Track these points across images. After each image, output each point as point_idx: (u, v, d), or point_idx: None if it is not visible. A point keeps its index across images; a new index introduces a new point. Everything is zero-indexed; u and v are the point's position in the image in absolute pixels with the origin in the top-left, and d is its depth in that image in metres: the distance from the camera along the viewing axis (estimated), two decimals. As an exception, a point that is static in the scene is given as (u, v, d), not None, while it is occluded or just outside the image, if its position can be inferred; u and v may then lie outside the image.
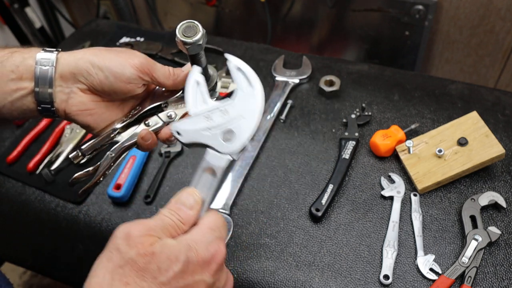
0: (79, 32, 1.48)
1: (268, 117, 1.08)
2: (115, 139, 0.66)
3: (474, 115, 0.96)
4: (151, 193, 0.99)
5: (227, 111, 0.57)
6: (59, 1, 2.06)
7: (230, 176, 0.98)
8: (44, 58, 0.61)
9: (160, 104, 0.68)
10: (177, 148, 1.06)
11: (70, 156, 0.67)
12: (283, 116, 1.10)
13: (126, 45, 1.32)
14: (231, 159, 0.56)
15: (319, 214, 0.90)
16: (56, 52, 0.62)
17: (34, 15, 1.86)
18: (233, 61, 0.59)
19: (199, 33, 0.58)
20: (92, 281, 0.45)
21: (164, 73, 0.65)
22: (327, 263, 0.85)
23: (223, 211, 0.92)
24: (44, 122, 1.17)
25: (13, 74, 0.60)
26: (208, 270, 0.49)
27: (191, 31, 0.58)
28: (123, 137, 0.67)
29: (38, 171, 1.07)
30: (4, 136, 1.18)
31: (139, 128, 0.67)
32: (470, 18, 1.41)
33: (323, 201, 0.91)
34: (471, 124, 0.95)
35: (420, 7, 1.40)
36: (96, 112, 0.64)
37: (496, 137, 0.92)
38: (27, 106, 0.63)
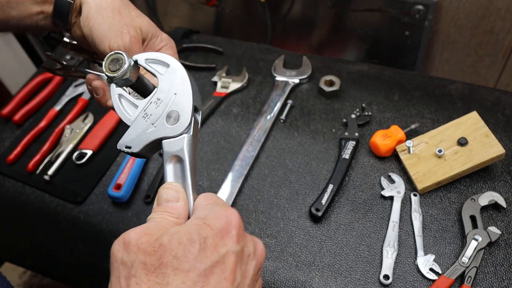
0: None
1: (268, 117, 1.08)
2: (88, 64, 0.72)
3: (474, 115, 0.96)
4: (151, 193, 0.99)
5: (159, 99, 0.54)
6: (59, 1, 2.05)
7: (230, 176, 0.98)
8: None
9: None
10: (177, 148, 1.06)
11: (63, 40, 0.73)
12: (283, 116, 1.10)
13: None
14: (186, 135, 0.53)
15: (319, 214, 0.90)
16: None
17: (34, 15, 1.86)
18: (138, 58, 0.56)
19: (125, 63, 0.53)
20: None
21: None
22: (327, 263, 0.85)
23: (223, 211, 0.92)
24: (44, 122, 1.17)
25: None
26: (229, 238, 0.43)
27: (116, 64, 0.53)
28: (89, 69, 0.70)
29: (38, 171, 1.07)
30: (4, 136, 1.18)
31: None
32: (470, 18, 1.41)
33: (323, 201, 0.91)
34: (471, 124, 0.95)
35: (420, 7, 1.40)
36: (90, 47, 0.68)
37: (496, 137, 0.92)
38: (48, 26, 0.69)
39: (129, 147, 0.54)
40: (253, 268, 0.45)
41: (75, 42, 0.72)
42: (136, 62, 0.56)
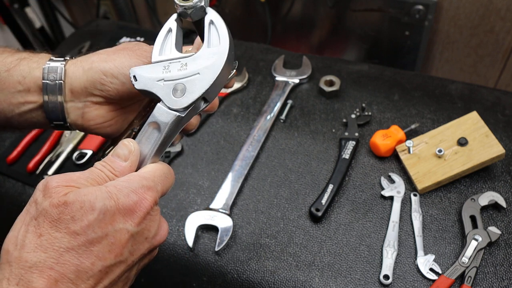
0: (79, 32, 1.48)
1: (268, 117, 1.08)
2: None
3: (474, 115, 0.96)
4: (151, 193, 0.99)
5: (186, 65, 0.53)
6: (59, 1, 2.05)
7: (230, 176, 0.98)
8: (51, 72, 0.57)
9: None
10: (177, 148, 1.06)
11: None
12: (283, 116, 1.10)
13: (126, 45, 1.32)
14: (177, 115, 0.51)
15: (319, 214, 0.90)
16: (64, 62, 0.58)
17: (34, 15, 1.86)
18: (210, 14, 0.54)
19: None
20: (10, 235, 0.44)
21: None
22: (327, 263, 0.85)
23: (223, 211, 0.92)
24: (44, 122, 1.17)
25: (20, 85, 0.58)
26: (131, 218, 0.45)
27: None
28: None
29: (38, 171, 1.07)
30: (4, 136, 1.18)
31: None
32: (470, 18, 1.41)
33: (323, 201, 0.91)
34: (471, 124, 0.95)
35: (420, 7, 1.40)
36: (117, 121, 0.62)
37: (496, 137, 0.92)
38: (38, 120, 0.60)
39: (136, 80, 0.54)
40: (145, 249, 0.48)
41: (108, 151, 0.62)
42: (204, 9, 0.54)
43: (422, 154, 0.95)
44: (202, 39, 0.56)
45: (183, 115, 0.52)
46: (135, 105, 0.63)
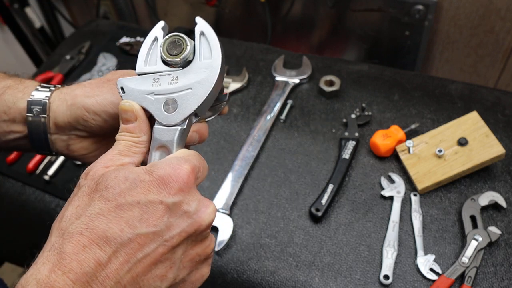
0: (79, 32, 1.48)
1: (268, 117, 1.08)
2: None
3: (474, 115, 0.96)
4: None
5: (177, 78, 0.50)
6: (59, 1, 2.05)
7: (230, 176, 0.98)
8: (35, 105, 0.57)
9: None
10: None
11: None
12: (283, 116, 1.10)
13: (126, 45, 1.33)
14: (180, 128, 0.50)
15: (319, 214, 0.90)
16: (49, 92, 0.58)
17: (34, 15, 1.86)
18: (200, 25, 0.51)
19: (187, 48, 0.50)
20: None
21: None
22: (327, 263, 0.85)
23: (223, 211, 0.92)
24: (44, 122, 1.17)
25: (5, 115, 0.58)
26: (165, 189, 0.43)
27: (176, 48, 0.50)
28: None
29: (38, 171, 1.07)
30: (4, 136, 1.18)
31: None
32: (470, 18, 1.41)
33: (323, 201, 0.91)
34: (471, 124, 0.95)
35: (420, 7, 1.40)
36: (100, 152, 0.61)
37: (496, 137, 0.92)
38: (24, 147, 0.60)
39: (124, 92, 0.51)
40: (186, 226, 0.44)
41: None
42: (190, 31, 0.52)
43: (422, 154, 0.95)
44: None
45: (184, 127, 0.50)
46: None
